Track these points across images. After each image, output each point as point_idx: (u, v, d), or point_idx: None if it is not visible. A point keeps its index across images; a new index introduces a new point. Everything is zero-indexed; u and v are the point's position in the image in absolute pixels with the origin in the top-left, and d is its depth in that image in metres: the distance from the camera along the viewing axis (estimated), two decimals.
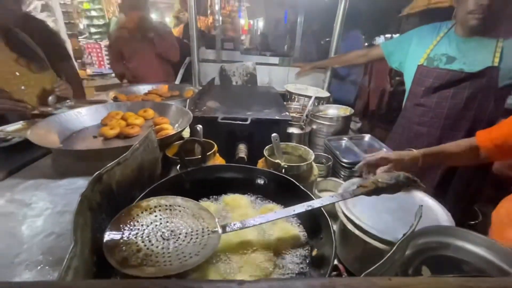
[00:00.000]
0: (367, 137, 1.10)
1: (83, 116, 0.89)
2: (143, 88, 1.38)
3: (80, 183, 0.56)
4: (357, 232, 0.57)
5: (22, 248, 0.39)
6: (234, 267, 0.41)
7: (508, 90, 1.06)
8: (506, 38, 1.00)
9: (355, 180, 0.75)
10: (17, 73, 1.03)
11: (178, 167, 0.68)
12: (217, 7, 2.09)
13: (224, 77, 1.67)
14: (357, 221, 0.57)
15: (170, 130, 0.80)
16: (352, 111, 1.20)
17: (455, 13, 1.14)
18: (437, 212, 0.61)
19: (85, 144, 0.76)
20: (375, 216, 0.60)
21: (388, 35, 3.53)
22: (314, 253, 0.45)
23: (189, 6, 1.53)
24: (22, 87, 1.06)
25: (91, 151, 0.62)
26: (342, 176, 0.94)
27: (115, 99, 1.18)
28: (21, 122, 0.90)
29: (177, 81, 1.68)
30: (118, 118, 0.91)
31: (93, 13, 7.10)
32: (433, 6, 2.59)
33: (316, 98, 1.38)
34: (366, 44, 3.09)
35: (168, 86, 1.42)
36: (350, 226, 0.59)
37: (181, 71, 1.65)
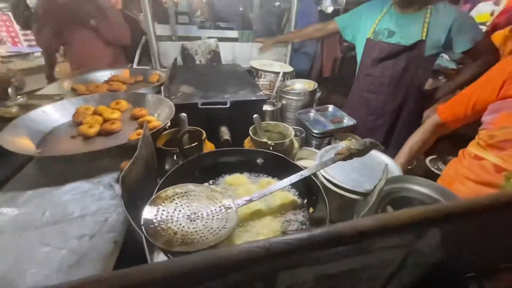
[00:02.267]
0: (330, 107, 1.25)
1: (50, 115, 0.82)
2: (101, 75, 1.27)
3: (85, 187, 0.57)
4: (335, 188, 0.72)
5: (61, 253, 0.42)
6: (253, 232, 0.52)
7: (433, 57, 1.30)
8: (431, 10, 1.19)
9: (327, 147, 0.89)
10: None
11: (174, 157, 0.72)
12: None
13: (186, 57, 1.61)
14: (334, 180, 0.72)
15: (154, 121, 0.81)
16: (316, 85, 1.33)
17: None
18: (389, 165, 0.80)
19: (65, 146, 0.73)
20: (346, 175, 0.76)
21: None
22: (311, 211, 0.58)
23: None
24: None
25: (84, 154, 0.61)
26: (314, 145, 1.08)
27: (74, 90, 1.08)
28: None
29: (135, 64, 1.56)
30: (90, 113, 0.86)
31: None
32: None
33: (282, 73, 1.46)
34: (317, 7, 3.20)
35: (129, 71, 1.32)
36: (329, 185, 0.74)
37: (138, 52, 1.53)
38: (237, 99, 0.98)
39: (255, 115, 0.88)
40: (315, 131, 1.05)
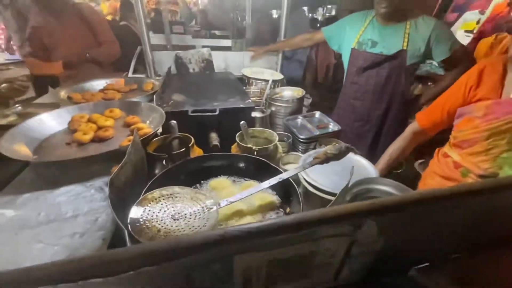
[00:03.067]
0: (317, 114, 1.30)
1: (46, 123, 0.87)
2: (96, 84, 1.32)
3: (78, 189, 0.61)
4: (315, 191, 0.77)
5: (54, 249, 0.46)
6: None
7: (413, 66, 1.36)
8: (411, 22, 1.26)
9: (311, 152, 0.94)
10: None
11: (163, 162, 0.77)
12: None
13: (180, 65, 1.67)
14: (314, 183, 0.76)
15: (146, 128, 0.86)
16: (304, 92, 1.39)
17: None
18: (368, 168, 0.85)
19: (61, 152, 0.77)
20: (326, 178, 0.80)
21: (329, 6, 3.81)
22: (287, 210, 0.62)
23: None
24: None
25: (78, 159, 0.66)
26: (300, 150, 1.13)
27: (70, 99, 1.12)
28: None
29: (130, 73, 1.62)
30: (84, 121, 0.91)
31: None
32: None
33: (272, 80, 1.52)
34: (310, 15, 3.31)
35: (124, 80, 1.38)
36: (310, 188, 0.78)
37: (133, 62, 1.58)
38: (226, 107, 1.03)
39: (242, 122, 0.93)
40: (301, 137, 1.10)
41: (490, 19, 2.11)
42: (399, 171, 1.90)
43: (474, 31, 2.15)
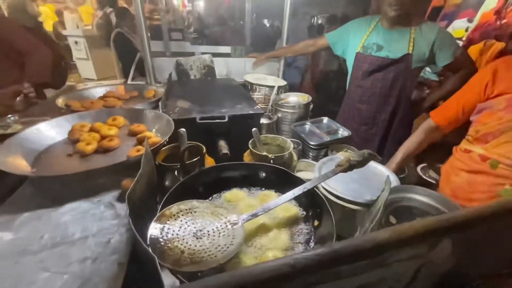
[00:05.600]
0: (325, 119, 1.28)
1: (44, 133, 0.81)
2: (95, 91, 1.26)
3: (85, 206, 0.55)
4: (336, 200, 0.73)
5: (63, 279, 0.40)
6: (261, 248, 0.51)
7: (418, 70, 1.37)
8: (415, 27, 1.27)
9: (325, 159, 0.91)
10: None
11: (175, 172, 0.71)
12: None
13: (181, 72, 1.63)
14: (335, 192, 0.73)
15: (153, 137, 0.81)
16: (310, 97, 1.37)
17: (378, 7, 1.37)
18: (388, 175, 0.82)
19: (62, 164, 0.71)
20: (346, 186, 0.77)
21: (327, 14, 3.89)
22: (316, 223, 0.58)
23: None
24: None
25: (83, 172, 0.60)
26: (311, 156, 1.10)
27: (67, 107, 1.06)
28: None
29: (129, 80, 1.56)
30: (86, 130, 0.85)
31: None
32: None
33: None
34: (312, 21, 3.37)
35: (124, 87, 1.32)
36: (330, 196, 0.74)
37: (133, 69, 1.53)
38: (235, 113, 0.99)
39: (254, 129, 0.89)
40: (312, 143, 1.06)
41: (478, 27, 2.19)
42: (402, 176, 1.89)
43: (463, 39, 2.23)
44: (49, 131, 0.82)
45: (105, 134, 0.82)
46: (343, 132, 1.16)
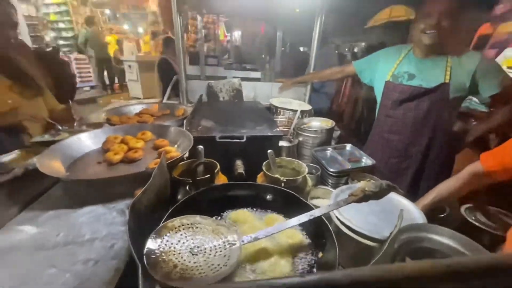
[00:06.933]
0: (348, 146, 1.23)
1: (83, 142, 0.91)
2: (133, 108, 1.41)
3: (100, 211, 0.59)
4: (349, 232, 0.67)
5: (65, 277, 0.43)
6: (259, 273, 0.49)
7: (458, 100, 1.26)
8: (452, 56, 1.20)
9: (343, 187, 0.85)
10: (9, 101, 1.02)
11: (187, 187, 0.74)
12: (199, 25, 2.18)
13: (211, 94, 1.74)
14: (349, 224, 0.67)
15: (173, 152, 0.86)
16: (334, 123, 1.34)
17: (411, 36, 1.34)
18: (412, 212, 0.74)
19: (91, 170, 0.79)
20: (363, 218, 0.71)
21: (363, 43, 3.89)
22: (320, 255, 0.54)
23: (175, 24, 1.58)
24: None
25: (103, 179, 0.66)
26: (330, 184, 1.05)
27: (108, 121, 1.19)
28: (16, 151, 0.89)
29: (165, 99, 1.72)
30: (117, 142, 0.94)
31: (61, 25, 6.83)
32: (392, 20, 3.12)
33: (300, 111, 1.50)
34: (337, 51, 3.39)
35: (158, 105, 1.46)
36: (343, 228, 0.69)
37: (169, 89, 1.69)
38: (253, 134, 1.01)
39: (269, 150, 0.89)
40: (331, 170, 1.02)
41: None
42: (442, 215, 1.67)
43: None
44: (87, 141, 0.92)
45: (132, 146, 0.90)
46: (366, 161, 1.10)
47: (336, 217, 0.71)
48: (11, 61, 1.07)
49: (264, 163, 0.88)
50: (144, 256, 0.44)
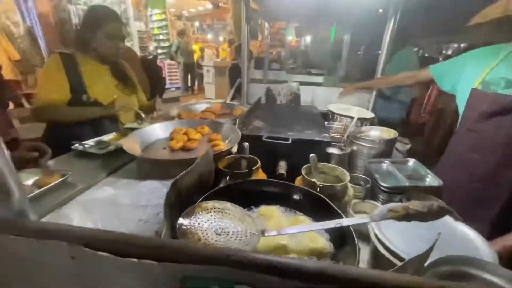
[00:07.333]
0: (411, 161, 1.08)
1: (156, 130, 1.12)
2: (200, 106, 1.62)
3: (157, 185, 0.73)
4: (387, 254, 0.60)
5: (122, 229, 0.56)
6: None
7: None
8: None
9: (392, 205, 0.77)
10: (115, 96, 1.35)
11: (227, 178, 0.81)
12: (266, 32, 2.30)
13: (269, 97, 1.82)
14: (388, 244, 0.60)
15: (222, 145, 0.95)
16: (397, 134, 1.20)
17: None
18: (477, 245, 0.60)
19: (157, 153, 0.97)
20: (409, 241, 0.62)
21: (456, 45, 3.27)
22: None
23: (242, 32, 1.74)
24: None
25: (164, 161, 0.80)
26: (380, 200, 0.94)
27: (179, 116, 1.42)
28: (113, 133, 1.17)
29: (228, 100, 1.90)
30: (181, 133, 1.11)
31: (161, 37, 8.31)
32: (510, 14, 2.41)
33: (360, 118, 1.40)
34: (421, 54, 2.93)
35: (221, 105, 1.62)
36: (380, 248, 0.62)
37: (232, 91, 1.86)
38: (299, 137, 1.02)
39: (311, 155, 0.88)
40: (384, 184, 0.92)
41: None
42: None
43: None
44: (160, 130, 1.13)
45: (191, 137, 1.05)
46: (431, 181, 0.94)
47: (375, 234, 0.65)
48: (119, 66, 1.41)
49: (305, 166, 0.88)
50: (177, 225, 0.52)
